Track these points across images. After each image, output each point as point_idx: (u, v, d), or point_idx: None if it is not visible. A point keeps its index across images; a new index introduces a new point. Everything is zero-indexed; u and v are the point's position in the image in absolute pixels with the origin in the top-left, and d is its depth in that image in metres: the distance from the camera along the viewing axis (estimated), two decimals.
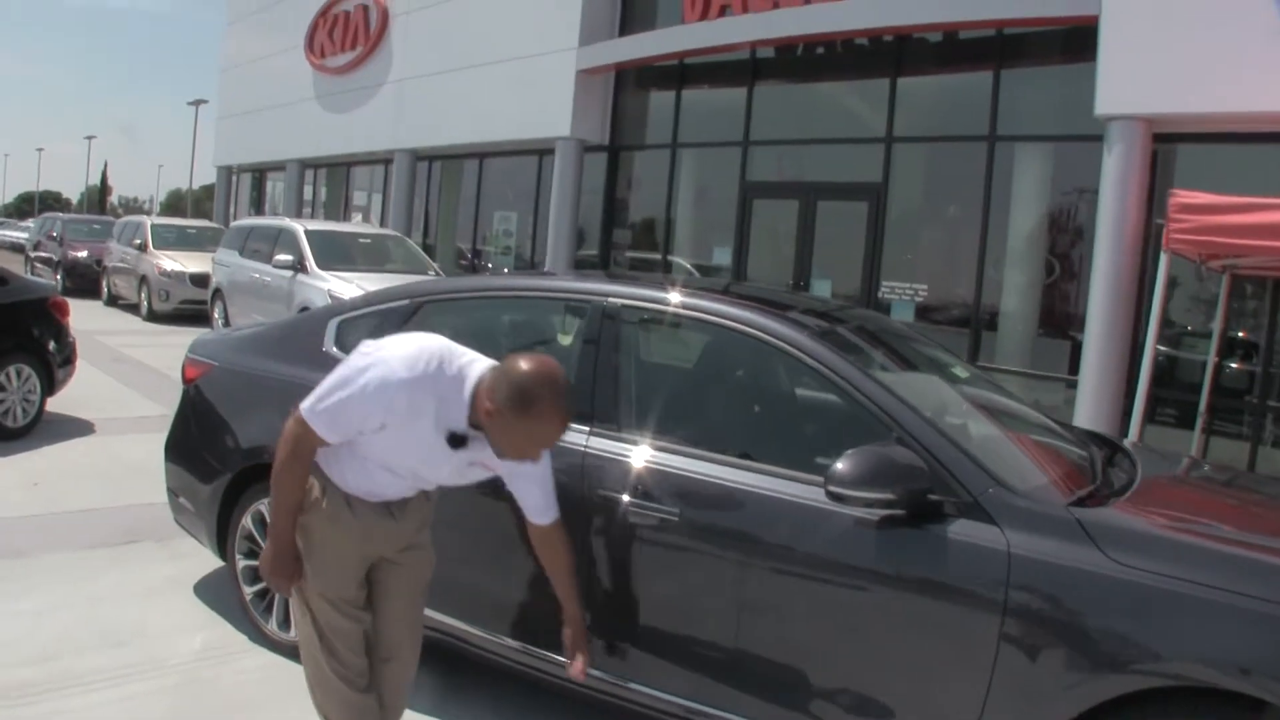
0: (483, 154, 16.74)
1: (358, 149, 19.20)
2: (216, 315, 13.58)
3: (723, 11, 12.25)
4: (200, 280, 14.88)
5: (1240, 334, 8.90)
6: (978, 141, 10.63)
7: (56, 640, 3.88)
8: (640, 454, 3.21)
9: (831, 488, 2.73)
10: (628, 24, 14.29)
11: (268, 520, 3.82)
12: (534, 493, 2.79)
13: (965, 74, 11.06)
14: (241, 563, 3.99)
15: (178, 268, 15.46)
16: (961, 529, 2.69)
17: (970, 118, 10.74)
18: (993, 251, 10.63)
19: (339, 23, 19.59)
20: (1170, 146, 9.23)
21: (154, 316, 15.63)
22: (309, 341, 3.95)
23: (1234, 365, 9.06)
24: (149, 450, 6.97)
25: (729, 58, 12.81)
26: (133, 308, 16.67)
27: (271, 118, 22.31)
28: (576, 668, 2.89)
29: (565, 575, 2.89)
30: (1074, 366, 9.50)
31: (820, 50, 12.11)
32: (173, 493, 4.43)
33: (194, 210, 51.92)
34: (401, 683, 2.91)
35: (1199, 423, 7.96)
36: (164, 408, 8.56)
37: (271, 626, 3.90)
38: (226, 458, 4.01)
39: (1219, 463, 5.85)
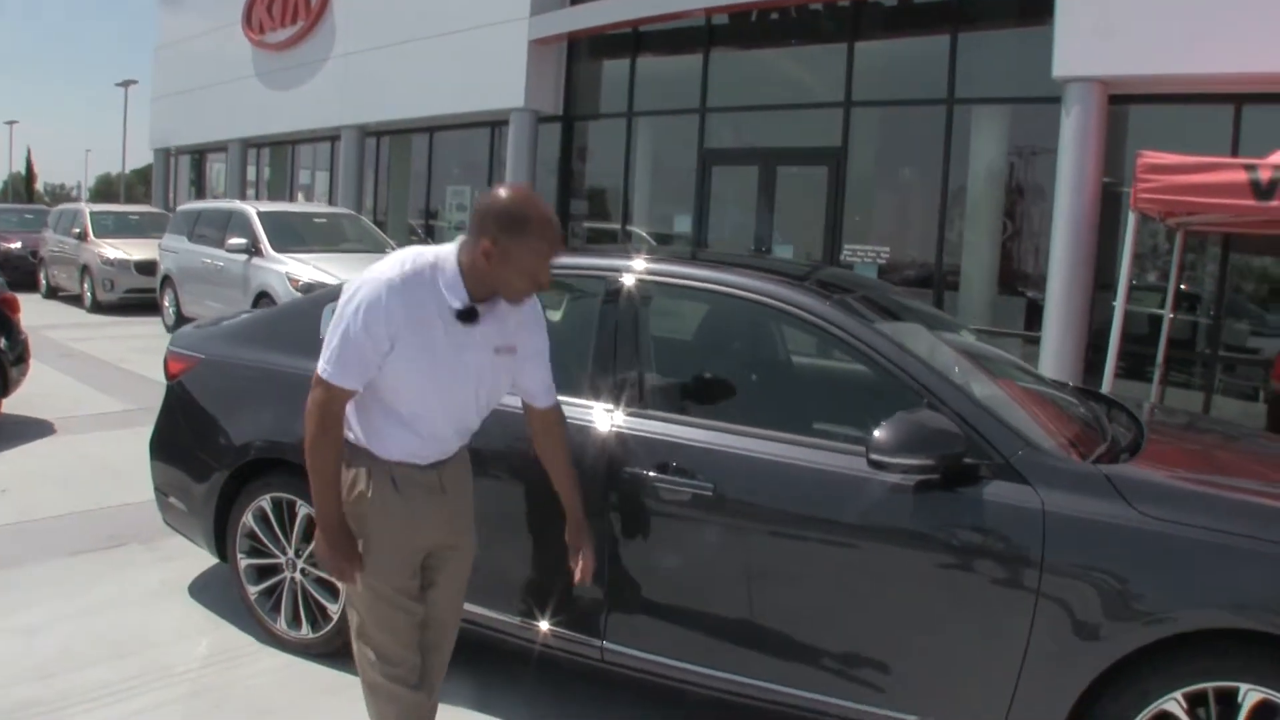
0: (433, 128, 16.46)
1: (303, 126, 18.78)
2: (167, 303, 13.23)
3: None
4: (146, 268, 14.47)
5: (1182, 287, 9.08)
6: (936, 105, 10.69)
7: (56, 655, 3.74)
8: (667, 429, 3.18)
9: (873, 455, 2.77)
10: None
11: (271, 515, 3.79)
12: (542, 372, 2.79)
13: (923, 38, 11.08)
14: (244, 562, 3.89)
15: (121, 256, 15.02)
16: (996, 490, 2.76)
17: (928, 81, 10.77)
18: (952, 213, 10.73)
19: None
20: (1123, 108, 9.36)
21: (99, 307, 15.19)
22: (303, 329, 3.81)
23: (1183, 318, 9.28)
24: (116, 448, 6.85)
25: (684, 24, 12.72)
26: (75, 299, 16.20)
27: (210, 97, 21.70)
28: (583, 569, 2.90)
29: (565, 465, 2.92)
30: (1034, 323, 9.66)
31: (777, 16, 12.07)
32: (161, 492, 4.29)
33: (126, 196, 50.71)
34: (442, 671, 2.89)
35: (1157, 374, 8.14)
36: (124, 402, 8.39)
37: (280, 625, 3.82)
38: (222, 454, 3.88)
39: (1213, 417, 5.98)
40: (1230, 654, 2.54)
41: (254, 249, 11.17)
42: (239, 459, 3.82)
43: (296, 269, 10.60)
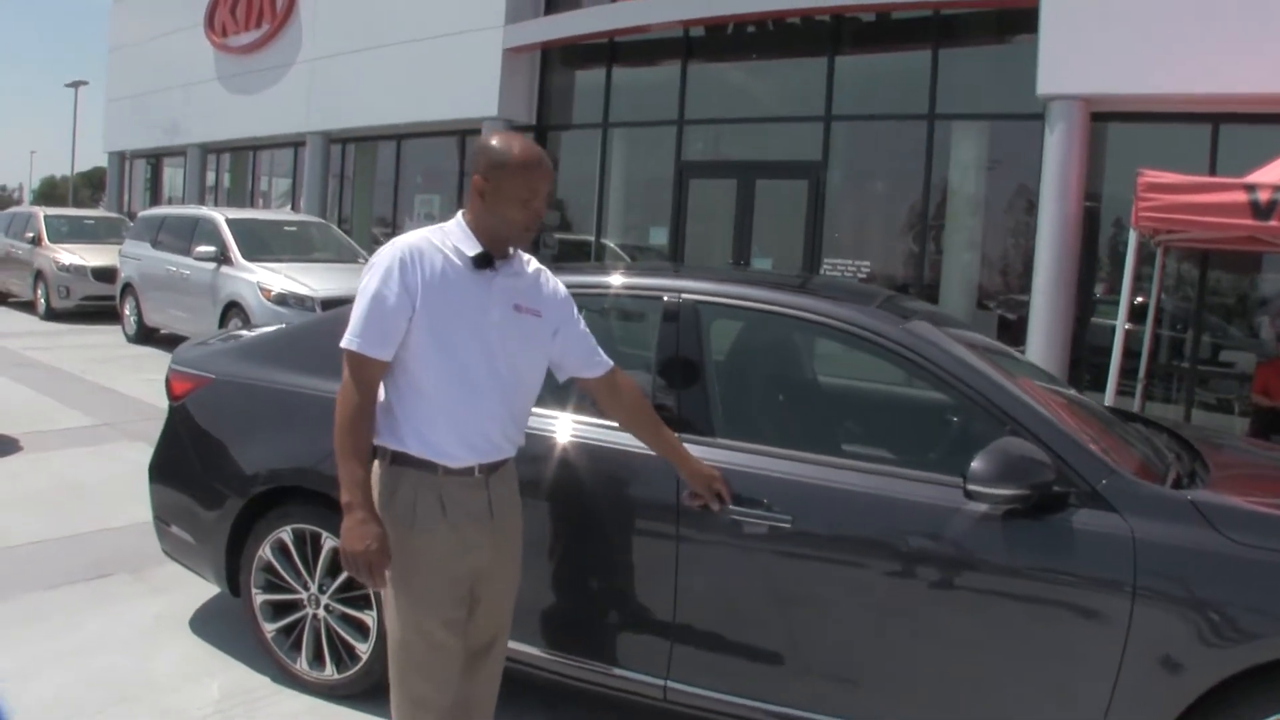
0: (400, 135, 16.18)
1: (266, 132, 18.33)
2: (127, 311, 12.82)
3: None
4: (104, 274, 14.04)
5: (1139, 300, 9.15)
6: (917, 120, 10.70)
7: (54, 702, 3.44)
8: (738, 460, 3.04)
9: (970, 486, 2.71)
10: (554, 1, 13.95)
11: (293, 548, 3.56)
12: (583, 337, 2.77)
13: (904, 53, 11.13)
14: (259, 597, 3.64)
15: (78, 262, 14.56)
16: (1085, 518, 2.73)
17: (909, 96, 10.78)
18: (933, 227, 10.73)
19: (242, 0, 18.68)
20: (1103, 125, 9.44)
21: (53, 315, 14.69)
22: (326, 348, 3.58)
23: (1163, 333, 9.37)
24: (89, 467, 6.55)
25: (661, 35, 12.63)
26: (27, 306, 15.68)
27: (168, 100, 21.09)
28: (724, 491, 2.89)
29: (655, 423, 2.87)
30: (1015, 337, 9.66)
31: (754, 29, 12.02)
32: (161, 520, 4.02)
33: (74, 199, 49.59)
34: (489, 711, 2.80)
35: (1139, 387, 8.21)
36: (91, 417, 8.07)
37: (301, 665, 3.57)
38: (237, 481, 3.63)
39: (1258, 441, 6.01)
40: None
41: (223, 257, 10.86)
42: (256, 487, 3.58)
43: (268, 278, 10.31)
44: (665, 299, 3.31)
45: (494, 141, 2.55)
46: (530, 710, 3.51)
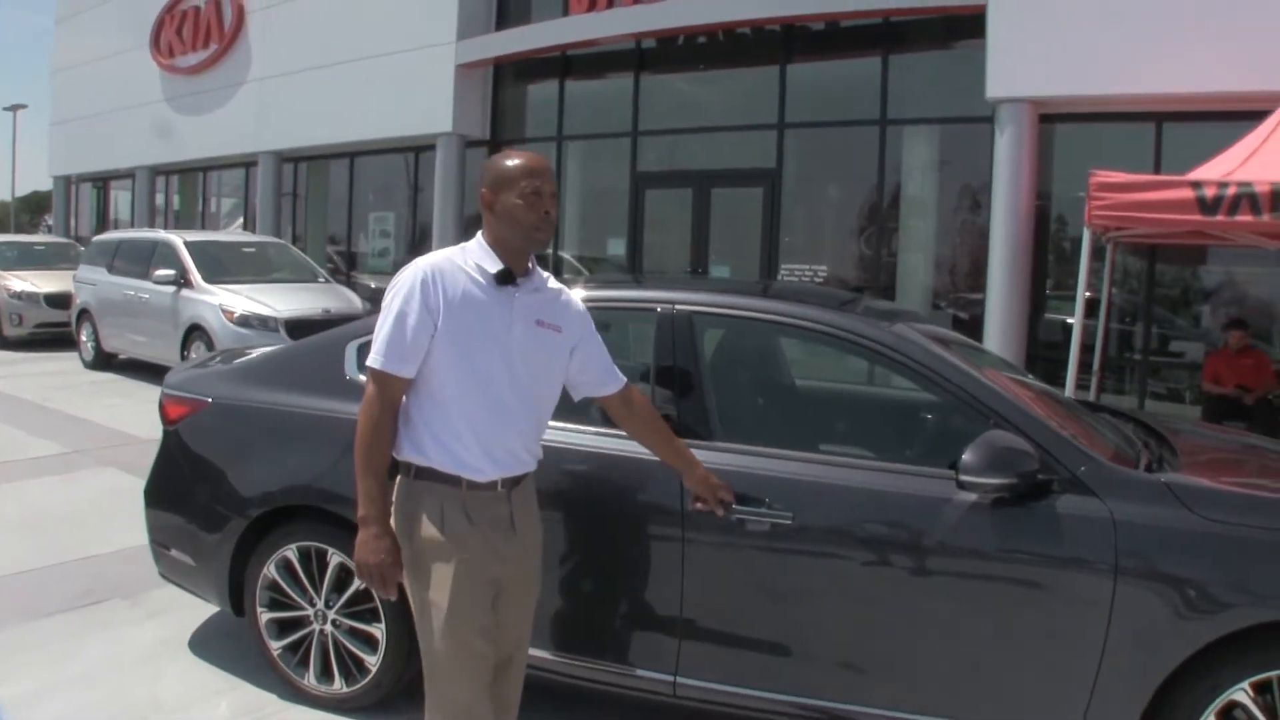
0: (353, 153, 16.16)
1: (216, 153, 18.18)
2: (84, 337, 12.67)
3: (610, 3, 12.16)
4: (58, 301, 13.81)
5: (1089, 295, 9.44)
6: (869, 125, 10.92)
7: None
8: (738, 461, 3.16)
9: (963, 477, 2.86)
10: (504, 16, 14.02)
11: (298, 565, 3.62)
12: (600, 356, 2.85)
13: (855, 60, 11.33)
14: (265, 616, 3.69)
15: (30, 288, 14.32)
16: (1067, 504, 2.89)
17: (861, 102, 11.01)
18: (887, 230, 10.96)
19: (188, 19, 18.42)
20: (1051, 126, 9.70)
21: (6, 343, 14.37)
22: (327, 368, 3.67)
23: (1115, 326, 9.65)
24: (66, 495, 6.53)
25: (614, 48, 12.75)
26: None
27: (115, 122, 20.81)
28: (728, 497, 3.01)
29: (666, 433, 2.98)
30: (971, 336, 9.86)
31: (705, 40, 12.17)
32: (160, 545, 4.04)
33: (15, 224, 48.65)
34: (519, 687, 2.90)
35: (1094, 380, 8.49)
36: (59, 445, 8.01)
37: (309, 681, 3.62)
38: (239, 503, 3.68)
39: (1225, 427, 6.24)
40: None
41: (183, 280, 10.79)
42: (261, 508, 3.63)
43: (230, 300, 10.29)
44: (660, 310, 3.42)
45: (494, 156, 2.69)
46: (541, 712, 3.58)
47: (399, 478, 2.66)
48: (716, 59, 12.30)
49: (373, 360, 2.56)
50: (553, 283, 2.80)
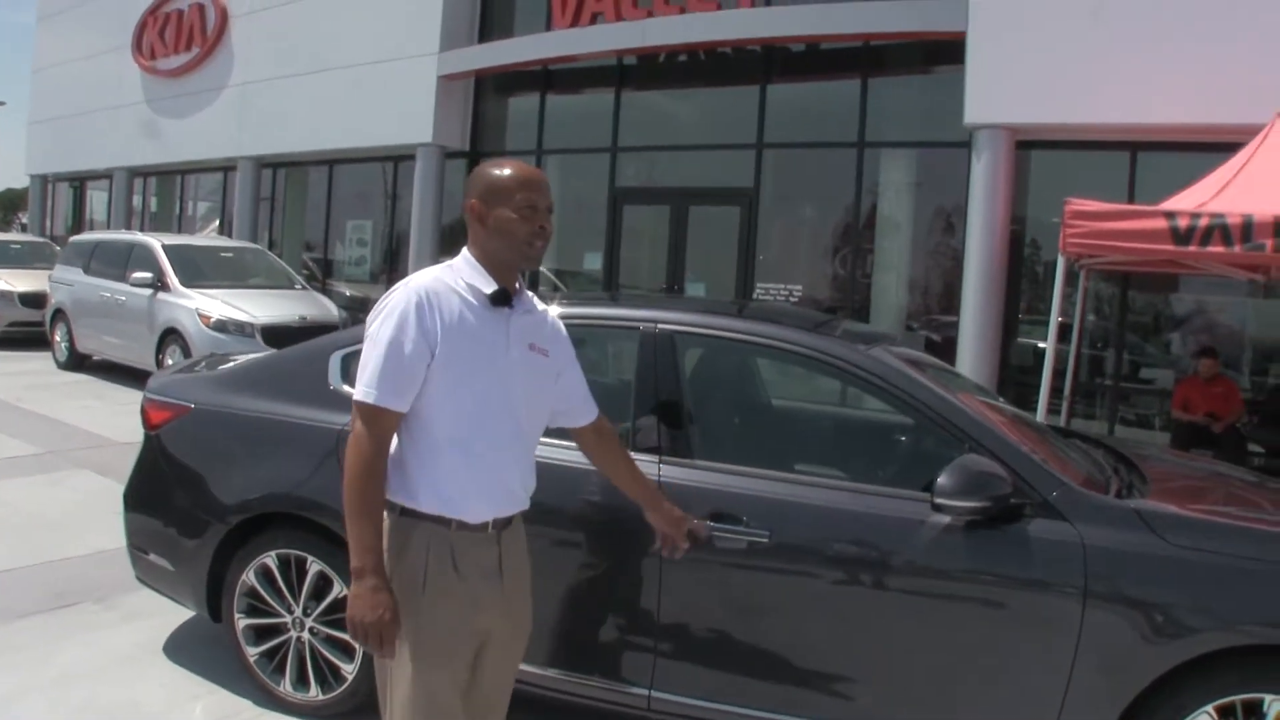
0: (332, 160, 16.14)
1: (196, 156, 18.09)
2: (58, 338, 12.60)
3: (594, 19, 12.24)
4: (33, 300, 13.70)
5: (1061, 320, 9.59)
6: (847, 148, 11.02)
7: None
8: (717, 480, 3.21)
9: (938, 500, 2.92)
10: (487, 28, 14.07)
11: (277, 572, 3.64)
12: (580, 384, 2.76)
13: (834, 82, 11.45)
14: (242, 622, 3.70)
15: (4, 287, 14.14)
16: (1040, 528, 2.95)
17: (839, 124, 11.11)
18: (863, 252, 11.07)
19: (171, 22, 18.35)
20: (1027, 152, 9.84)
21: None
22: (310, 378, 3.69)
23: (1086, 352, 9.79)
24: (41, 496, 6.50)
25: (595, 64, 12.80)
26: None
27: (94, 122, 20.71)
28: (699, 529, 3.00)
29: (631, 467, 2.94)
30: (944, 358, 9.95)
31: (688, 58, 12.25)
32: (138, 549, 4.04)
33: None
34: None
35: (1065, 405, 8.60)
36: (33, 446, 7.95)
37: (285, 688, 3.64)
38: (220, 509, 3.69)
39: (1180, 453, 6.34)
40: (1255, 668, 2.77)
41: (160, 284, 10.76)
42: (241, 514, 3.65)
43: (207, 305, 10.27)
44: (642, 328, 3.47)
45: (480, 169, 2.53)
46: None
47: (384, 514, 2.45)
48: (697, 77, 12.39)
49: (364, 394, 2.34)
50: (539, 303, 2.67)
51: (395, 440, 2.44)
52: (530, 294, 2.64)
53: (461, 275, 2.47)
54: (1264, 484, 4.16)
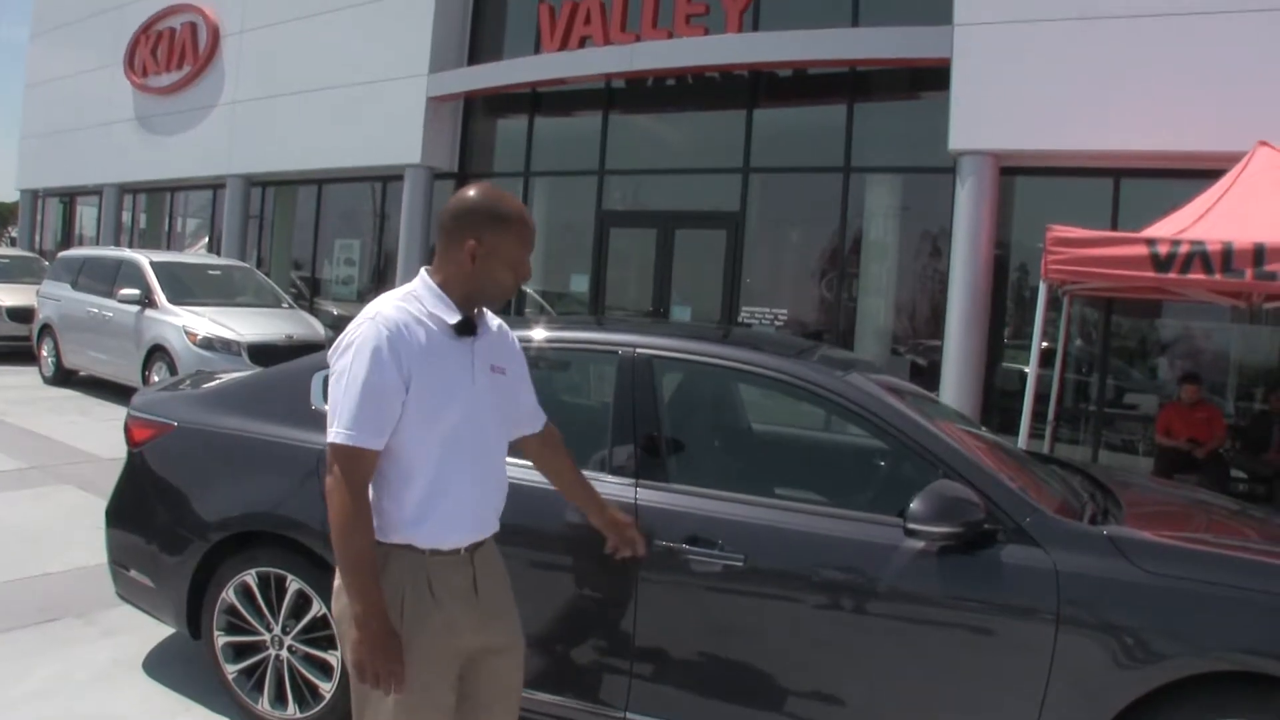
0: (321, 180, 16.19)
1: (186, 173, 18.12)
2: (45, 353, 12.58)
3: (582, 43, 12.34)
4: (20, 314, 13.69)
5: (1046, 345, 9.65)
6: (833, 172, 11.11)
7: None
8: (692, 503, 3.24)
9: (910, 525, 2.94)
10: (477, 50, 14.16)
11: (257, 590, 3.64)
12: (530, 394, 2.75)
13: (821, 107, 11.54)
14: (221, 639, 3.71)
15: None
16: (1012, 553, 2.97)
17: (825, 149, 11.20)
18: (848, 276, 11.13)
19: (163, 40, 18.44)
20: (1011, 178, 9.94)
21: None
22: (293, 398, 3.72)
23: (1071, 377, 9.85)
24: (22, 511, 6.48)
25: (583, 87, 12.89)
26: None
27: (85, 138, 20.76)
28: (637, 538, 3.03)
29: (576, 474, 2.94)
30: (929, 382, 10.04)
31: (676, 82, 12.35)
32: (119, 565, 4.05)
33: None
34: None
35: (1049, 430, 8.65)
36: (15, 460, 7.93)
37: (264, 706, 3.64)
38: (201, 527, 3.71)
39: (1162, 479, 6.39)
40: (1228, 694, 2.78)
41: (147, 300, 10.78)
42: (222, 532, 3.66)
43: (193, 322, 10.28)
44: (620, 353, 3.50)
45: (484, 201, 2.42)
46: None
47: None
48: (684, 102, 12.50)
49: (344, 437, 2.27)
50: (493, 319, 2.60)
51: None
52: (487, 312, 2.57)
53: (424, 303, 2.41)
54: (1243, 511, 4.19)
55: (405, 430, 2.33)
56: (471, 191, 2.44)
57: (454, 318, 2.40)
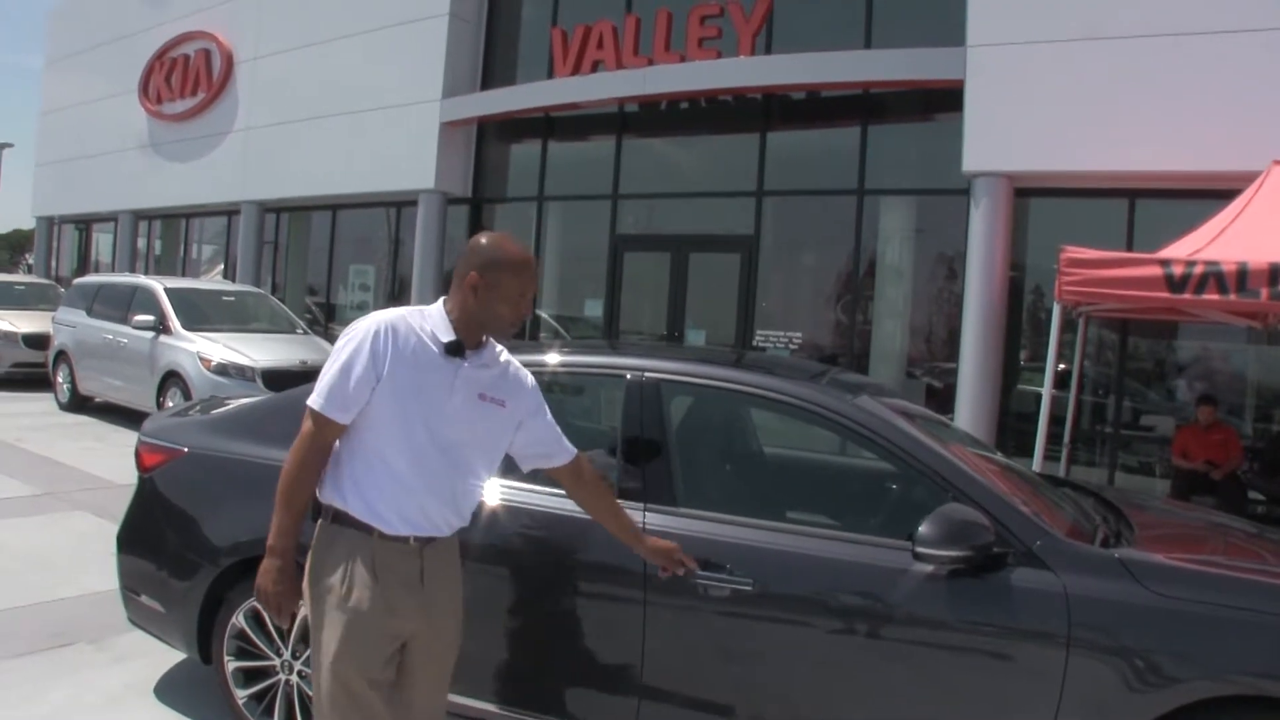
0: (335, 205, 16.29)
1: (200, 200, 18.29)
2: (60, 379, 12.67)
3: (595, 67, 12.41)
4: (36, 341, 13.79)
5: (1063, 367, 9.59)
6: (847, 195, 11.10)
7: None
8: (701, 528, 3.23)
9: (919, 549, 2.93)
10: (490, 76, 14.26)
11: (266, 616, 3.63)
12: (548, 428, 2.91)
13: (834, 130, 11.58)
14: (232, 664, 3.70)
15: (8, 328, 14.25)
16: (1022, 576, 2.95)
17: (839, 172, 11.21)
18: (862, 299, 11.11)
19: (177, 67, 18.64)
20: (1025, 200, 9.91)
21: None
22: (299, 422, 3.73)
23: (1086, 398, 9.79)
24: (36, 537, 6.50)
25: (597, 111, 12.96)
26: None
27: (99, 165, 20.95)
28: (688, 560, 3.05)
29: (615, 506, 3.04)
30: (944, 405, 9.99)
31: (689, 106, 12.39)
32: (130, 590, 4.05)
33: None
34: None
35: (1064, 452, 8.59)
36: (31, 486, 7.97)
37: None
38: (211, 552, 3.71)
39: (1178, 502, 6.33)
40: (1241, 718, 2.74)
41: (162, 327, 10.84)
42: (232, 557, 3.66)
43: (208, 348, 10.32)
44: (629, 377, 3.51)
45: (488, 244, 2.69)
46: None
47: (319, 520, 2.73)
48: (698, 125, 12.54)
49: (313, 400, 2.63)
50: (504, 357, 2.84)
51: (338, 447, 2.70)
52: (497, 349, 2.82)
53: (429, 322, 2.70)
54: (1262, 534, 4.14)
55: (373, 416, 2.63)
56: (484, 239, 2.73)
57: (447, 338, 2.67)
